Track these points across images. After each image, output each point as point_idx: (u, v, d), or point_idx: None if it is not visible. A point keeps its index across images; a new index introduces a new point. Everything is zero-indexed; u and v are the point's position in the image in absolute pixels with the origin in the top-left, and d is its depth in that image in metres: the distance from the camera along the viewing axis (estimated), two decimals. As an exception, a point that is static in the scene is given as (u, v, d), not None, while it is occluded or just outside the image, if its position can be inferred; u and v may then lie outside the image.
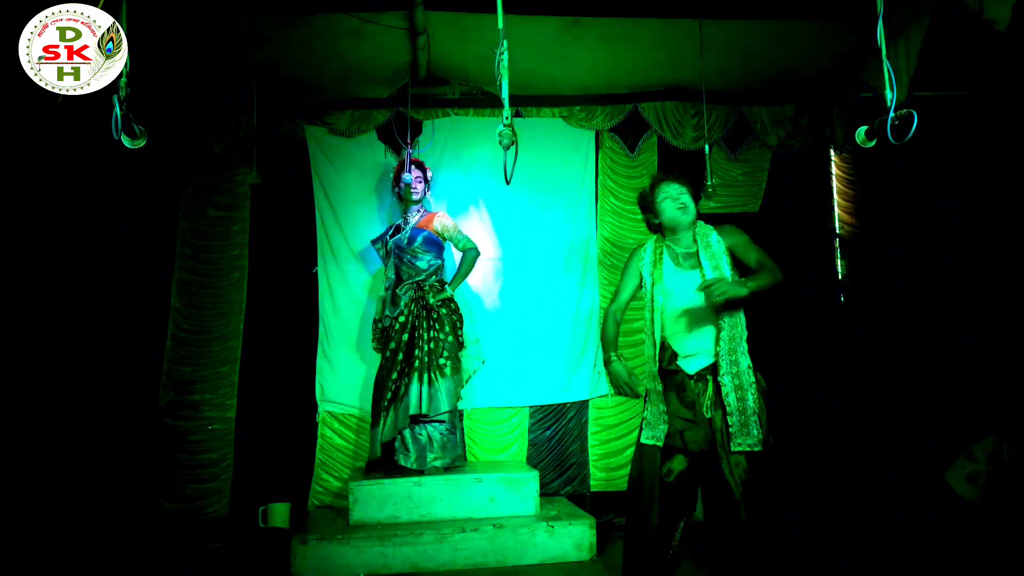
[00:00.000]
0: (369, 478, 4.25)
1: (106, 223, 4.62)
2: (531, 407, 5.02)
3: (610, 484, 5.00)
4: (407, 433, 4.41)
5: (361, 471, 4.54)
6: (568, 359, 5.05)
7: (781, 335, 5.21)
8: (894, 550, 4.15)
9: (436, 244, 4.62)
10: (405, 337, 4.45)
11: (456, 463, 4.52)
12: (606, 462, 5.02)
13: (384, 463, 4.42)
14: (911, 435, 5.19)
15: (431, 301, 4.51)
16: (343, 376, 4.86)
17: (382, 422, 4.37)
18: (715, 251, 3.11)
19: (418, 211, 4.67)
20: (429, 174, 4.76)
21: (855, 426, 5.24)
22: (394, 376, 4.40)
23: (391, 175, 4.76)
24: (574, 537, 4.05)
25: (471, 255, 4.67)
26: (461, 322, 4.61)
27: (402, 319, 4.47)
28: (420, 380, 4.39)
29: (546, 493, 4.76)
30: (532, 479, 4.34)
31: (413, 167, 4.59)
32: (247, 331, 4.81)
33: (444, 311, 4.53)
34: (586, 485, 4.98)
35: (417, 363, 4.40)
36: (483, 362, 4.83)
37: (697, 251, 3.11)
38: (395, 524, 4.07)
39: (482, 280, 5.05)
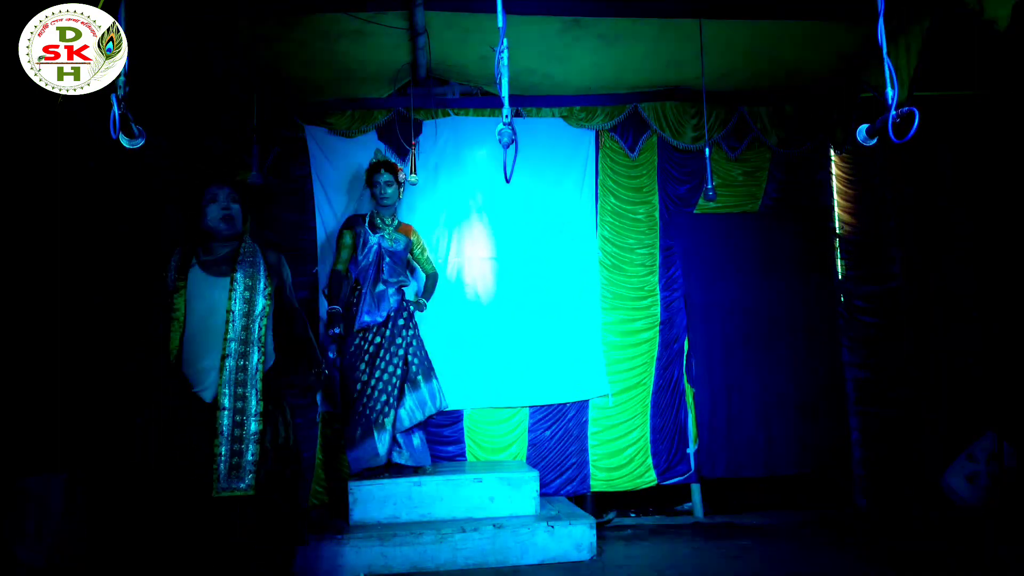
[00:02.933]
0: (369, 478, 4.24)
1: (105, 223, 4.62)
2: (531, 407, 5.02)
3: (610, 484, 5.00)
4: (399, 436, 4.41)
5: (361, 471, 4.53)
6: (568, 359, 5.05)
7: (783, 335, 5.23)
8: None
9: (407, 258, 4.64)
10: (401, 345, 4.42)
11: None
12: (606, 462, 5.02)
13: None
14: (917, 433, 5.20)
15: (413, 310, 4.54)
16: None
17: (388, 430, 4.31)
18: (257, 271, 3.00)
19: (391, 214, 4.57)
20: (401, 176, 4.57)
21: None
22: (385, 384, 4.34)
23: (363, 173, 4.60)
24: (574, 537, 4.04)
25: (437, 278, 4.77)
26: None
27: (391, 328, 4.40)
28: (412, 390, 4.39)
29: (546, 493, 4.77)
30: (532, 479, 4.34)
31: (383, 170, 4.47)
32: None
33: (415, 322, 4.55)
34: (586, 485, 4.98)
35: (408, 373, 4.40)
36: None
37: (235, 262, 2.98)
38: (395, 524, 4.07)
39: (482, 280, 5.05)
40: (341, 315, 4.36)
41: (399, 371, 4.37)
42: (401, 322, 4.44)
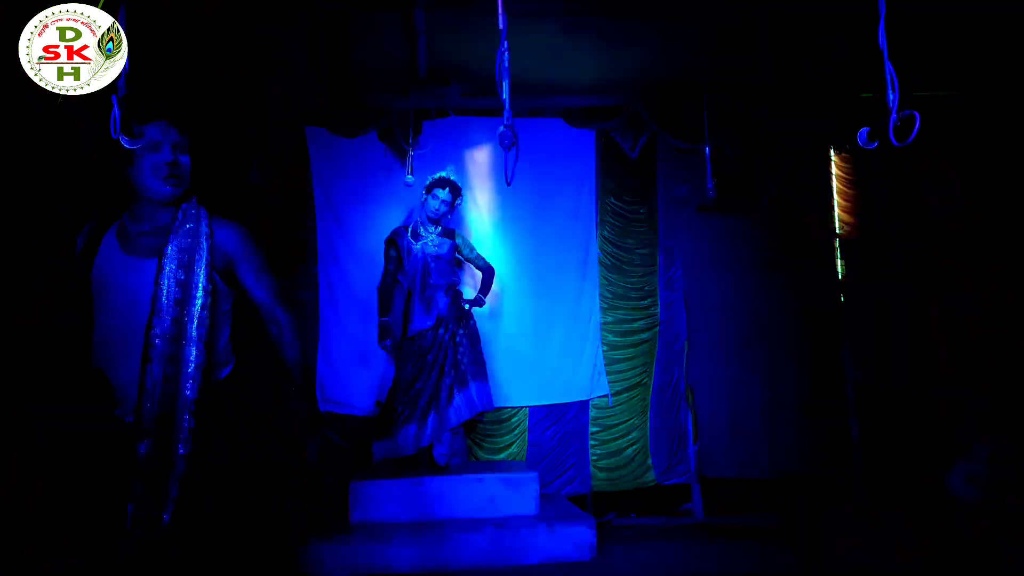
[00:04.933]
0: (369, 478, 4.24)
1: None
2: (531, 407, 5.02)
3: (610, 484, 5.00)
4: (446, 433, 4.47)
5: (362, 470, 4.52)
6: (568, 359, 5.05)
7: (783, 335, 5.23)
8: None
9: (456, 258, 4.70)
10: (450, 344, 4.46)
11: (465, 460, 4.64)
12: (606, 462, 5.02)
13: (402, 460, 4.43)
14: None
15: (469, 309, 4.60)
16: (343, 376, 4.86)
17: (416, 424, 4.35)
18: (196, 248, 2.14)
19: (436, 224, 4.62)
20: (458, 202, 4.63)
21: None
22: (433, 381, 4.41)
23: (427, 181, 4.59)
24: (574, 537, 4.04)
25: (492, 272, 4.77)
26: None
27: (441, 330, 4.47)
28: (460, 389, 4.44)
29: (546, 493, 4.76)
30: (532, 479, 4.34)
31: (448, 189, 4.52)
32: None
33: (473, 321, 4.60)
34: (586, 485, 4.98)
35: (455, 372, 4.45)
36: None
37: (169, 234, 2.14)
38: (395, 524, 4.07)
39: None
40: (391, 327, 4.52)
41: (447, 370, 4.42)
42: (452, 324, 4.50)
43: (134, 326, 2.06)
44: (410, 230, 4.61)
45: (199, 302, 2.09)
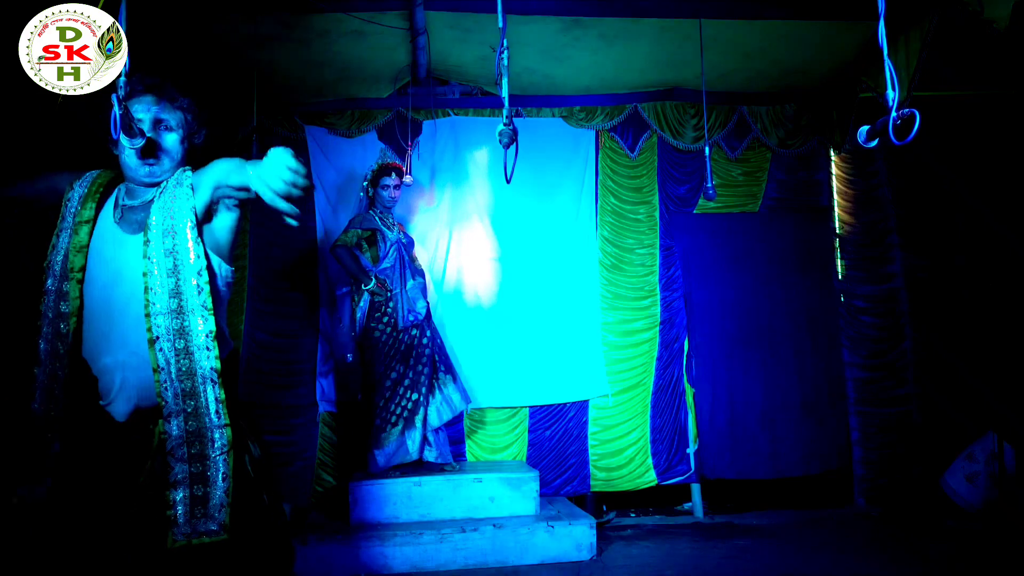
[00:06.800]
0: (369, 478, 4.24)
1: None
2: (531, 407, 5.02)
3: (610, 484, 5.00)
4: (430, 434, 4.45)
5: (362, 471, 4.52)
6: (568, 359, 5.05)
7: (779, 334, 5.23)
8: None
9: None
10: (428, 344, 4.43)
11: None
12: (606, 462, 5.02)
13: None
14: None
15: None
16: (343, 375, 4.85)
17: (419, 428, 4.32)
18: (178, 209, 1.97)
19: (391, 214, 4.55)
20: (407, 179, 4.58)
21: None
22: (421, 385, 4.36)
23: (368, 174, 4.54)
24: (574, 537, 4.04)
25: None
26: None
27: (426, 324, 4.45)
28: (441, 388, 4.44)
29: (546, 493, 4.76)
30: (532, 479, 4.34)
31: (394, 173, 4.46)
32: (245, 331, 4.80)
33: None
34: (586, 485, 4.98)
35: (437, 371, 4.45)
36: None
37: (152, 206, 1.99)
38: (395, 524, 4.07)
39: (482, 280, 5.05)
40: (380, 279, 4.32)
41: (428, 369, 4.40)
42: (429, 321, 4.49)
43: (115, 304, 1.93)
44: (379, 219, 4.45)
45: (193, 267, 1.93)
